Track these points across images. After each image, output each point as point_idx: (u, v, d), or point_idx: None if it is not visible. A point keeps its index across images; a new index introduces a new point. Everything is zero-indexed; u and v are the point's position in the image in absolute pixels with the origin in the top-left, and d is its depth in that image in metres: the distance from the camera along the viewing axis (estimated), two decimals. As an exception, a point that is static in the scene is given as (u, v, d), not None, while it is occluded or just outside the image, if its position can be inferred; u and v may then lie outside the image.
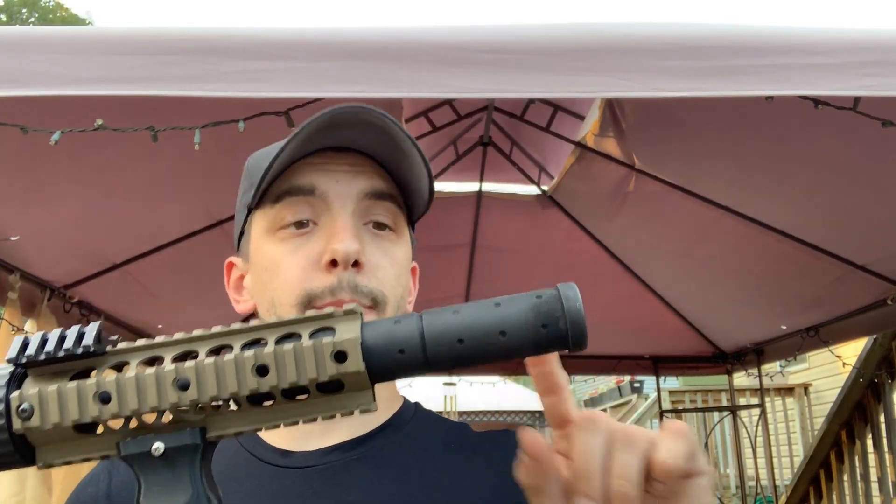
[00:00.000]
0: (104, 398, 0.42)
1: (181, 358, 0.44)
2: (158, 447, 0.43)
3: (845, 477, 4.73)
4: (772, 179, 2.72)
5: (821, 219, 2.86)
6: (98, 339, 0.44)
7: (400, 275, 0.74)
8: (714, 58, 1.55)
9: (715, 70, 1.54)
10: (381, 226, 0.73)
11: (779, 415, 7.22)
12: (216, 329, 0.44)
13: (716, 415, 6.79)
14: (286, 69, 1.49)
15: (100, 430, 0.44)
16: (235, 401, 0.43)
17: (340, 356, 0.42)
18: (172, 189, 2.54)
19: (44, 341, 0.43)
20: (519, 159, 3.38)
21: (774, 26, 1.69)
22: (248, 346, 0.44)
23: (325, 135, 0.70)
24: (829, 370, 7.05)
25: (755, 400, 5.96)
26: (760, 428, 5.01)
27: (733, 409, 5.05)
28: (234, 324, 0.45)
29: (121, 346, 0.44)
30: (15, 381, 0.43)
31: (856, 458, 4.64)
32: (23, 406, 0.42)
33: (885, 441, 4.33)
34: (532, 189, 3.57)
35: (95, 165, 2.20)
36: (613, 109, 2.77)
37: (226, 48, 1.49)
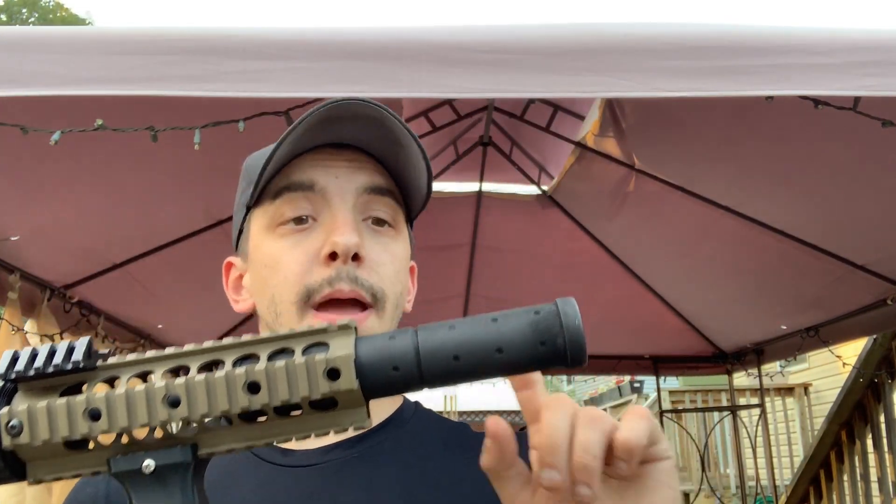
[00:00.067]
0: (94, 415, 0.42)
1: (173, 373, 0.43)
2: (149, 464, 0.42)
3: (845, 477, 4.73)
4: (772, 179, 2.72)
5: (821, 219, 2.86)
6: (88, 354, 0.43)
7: (399, 271, 0.74)
8: (714, 58, 1.55)
9: (715, 70, 1.54)
10: (381, 221, 0.73)
11: (779, 415, 7.22)
12: (208, 344, 0.44)
13: (716, 415, 6.80)
14: (286, 69, 1.49)
15: (90, 446, 0.43)
16: (227, 418, 0.42)
17: (333, 373, 0.42)
18: (172, 189, 2.53)
19: (33, 356, 0.43)
20: (519, 159, 3.38)
21: (774, 26, 1.69)
22: (240, 362, 0.43)
23: (324, 130, 0.70)
24: (829, 370, 7.06)
25: (755, 400, 5.97)
26: (760, 428, 5.01)
27: (733, 409, 5.05)
28: (227, 339, 0.44)
29: (111, 361, 0.44)
30: (4, 397, 0.43)
31: (856, 458, 4.64)
32: (12, 422, 0.42)
33: (885, 441, 4.33)
34: (532, 189, 3.57)
35: (95, 165, 2.20)
36: (613, 109, 2.77)
37: (226, 48, 1.49)
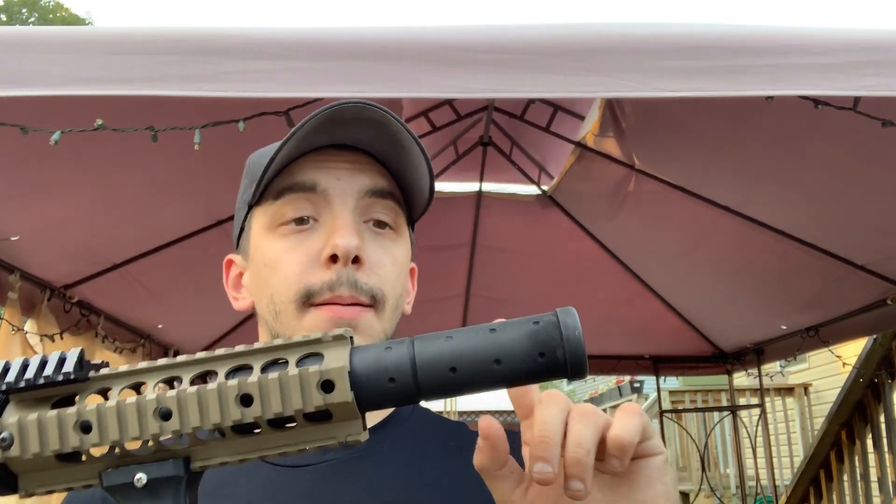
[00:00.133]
0: (85, 427, 0.41)
1: (167, 383, 0.43)
2: (141, 478, 0.42)
3: (845, 477, 4.73)
4: (772, 179, 2.72)
5: (821, 219, 2.86)
6: (80, 365, 0.42)
7: (399, 274, 0.74)
8: (714, 58, 1.55)
9: (715, 70, 1.54)
10: (382, 224, 0.73)
11: (779, 415, 7.22)
12: (201, 354, 0.43)
13: (716, 415, 6.79)
14: (286, 69, 1.49)
15: (83, 458, 0.43)
16: (219, 431, 0.42)
17: (327, 385, 0.41)
18: (172, 189, 2.53)
19: (24, 366, 0.42)
20: (519, 159, 3.38)
21: (774, 26, 1.69)
22: (233, 373, 0.42)
23: (327, 131, 0.70)
24: (829, 370, 7.06)
25: (755, 400, 5.97)
26: (760, 428, 5.01)
27: (733, 409, 5.05)
28: (220, 349, 0.44)
29: (103, 372, 0.43)
30: None
31: (856, 458, 4.63)
32: (2, 435, 0.41)
33: (885, 441, 4.33)
34: (532, 189, 3.57)
35: (95, 165, 2.20)
36: (613, 109, 2.77)
37: (226, 48, 1.49)
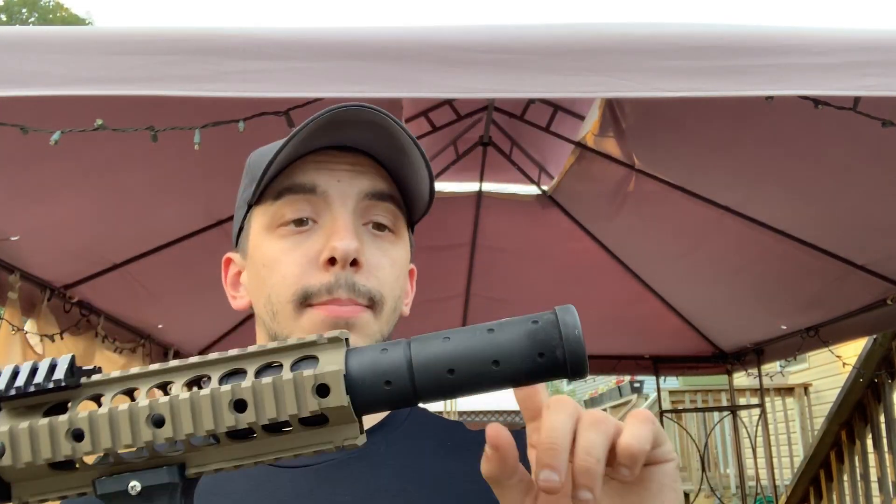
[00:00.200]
0: (77, 435, 0.41)
1: (160, 388, 0.42)
2: (135, 486, 0.41)
3: (845, 477, 4.73)
4: (772, 179, 2.72)
5: (821, 219, 2.86)
6: (71, 372, 0.42)
7: (398, 276, 0.74)
8: (714, 58, 1.55)
9: (715, 70, 1.54)
10: (381, 227, 0.73)
11: (779, 415, 7.22)
12: (194, 359, 0.43)
13: (716, 415, 6.79)
14: (286, 69, 1.49)
15: (76, 466, 0.42)
16: (214, 437, 0.41)
17: (323, 390, 0.40)
18: (172, 189, 2.53)
19: (15, 374, 0.42)
20: (519, 159, 3.38)
21: (774, 26, 1.69)
22: (227, 378, 0.42)
23: (328, 133, 0.70)
24: (829, 370, 7.06)
25: (755, 400, 5.97)
26: (760, 428, 5.01)
27: (733, 409, 5.05)
28: (213, 353, 0.43)
29: (95, 378, 0.43)
30: None
31: (856, 458, 4.64)
32: None
33: (885, 441, 4.33)
34: (532, 189, 3.57)
35: (95, 165, 2.20)
36: (613, 109, 2.77)
37: (226, 48, 1.49)
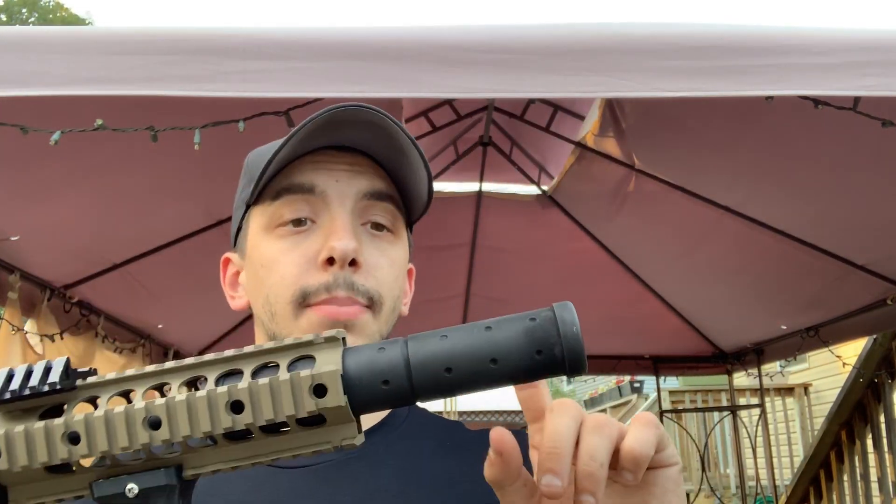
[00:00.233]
0: (73, 438, 0.40)
1: (156, 389, 0.42)
2: (132, 488, 0.41)
3: (845, 477, 4.73)
4: (772, 179, 2.72)
5: (821, 219, 2.86)
6: (66, 374, 0.41)
7: (397, 276, 0.74)
8: (714, 58, 1.55)
9: (715, 70, 1.54)
10: (379, 227, 0.73)
11: (779, 415, 7.22)
12: (190, 360, 0.42)
13: (716, 415, 6.79)
14: (286, 69, 1.49)
15: (73, 469, 0.42)
16: (211, 438, 0.41)
17: (320, 390, 0.40)
18: (172, 189, 2.53)
19: (10, 377, 0.41)
20: (519, 159, 3.38)
21: (774, 26, 1.69)
22: (224, 379, 0.42)
23: (326, 133, 0.70)
24: (829, 370, 7.06)
25: (755, 400, 5.97)
26: (760, 428, 5.01)
27: (733, 409, 5.06)
28: (209, 354, 0.43)
29: (91, 380, 0.43)
30: None
31: (856, 458, 4.64)
32: None
33: (885, 441, 4.33)
34: (532, 189, 3.57)
35: (95, 165, 2.20)
36: (613, 109, 2.77)
37: (226, 48, 1.49)
